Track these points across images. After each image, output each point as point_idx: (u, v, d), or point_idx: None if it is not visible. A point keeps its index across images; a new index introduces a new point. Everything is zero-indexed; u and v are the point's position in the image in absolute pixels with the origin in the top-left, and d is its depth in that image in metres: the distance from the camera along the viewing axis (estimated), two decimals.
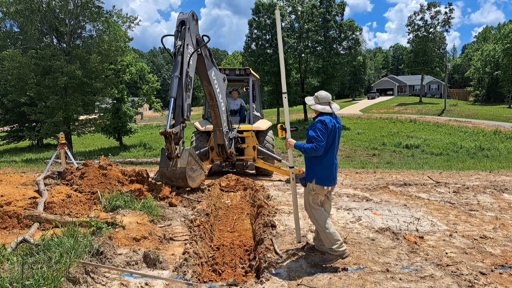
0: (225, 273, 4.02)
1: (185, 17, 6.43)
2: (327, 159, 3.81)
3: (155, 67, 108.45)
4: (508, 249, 4.28)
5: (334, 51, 39.68)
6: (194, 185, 6.73)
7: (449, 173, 10.63)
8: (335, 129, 3.81)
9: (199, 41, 6.93)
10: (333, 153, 3.85)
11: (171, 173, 6.39)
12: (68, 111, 24.28)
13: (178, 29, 6.44)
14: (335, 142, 3.84)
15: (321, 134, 3.68)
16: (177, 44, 6.29)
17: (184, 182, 6.50)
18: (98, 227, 4.07)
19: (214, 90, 7.48)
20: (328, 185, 3.84)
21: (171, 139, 6.02)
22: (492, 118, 42.30)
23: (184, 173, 6.31)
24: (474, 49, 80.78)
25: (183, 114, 6.25)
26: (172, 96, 6.04)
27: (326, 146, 3.76)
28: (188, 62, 6.31)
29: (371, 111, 55.13)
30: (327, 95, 3.92)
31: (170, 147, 6.10)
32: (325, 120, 3.76)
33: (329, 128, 3.73)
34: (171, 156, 6.23)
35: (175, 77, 6.12)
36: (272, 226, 4.93)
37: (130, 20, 27.10)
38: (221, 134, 8.03)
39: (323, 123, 3.73)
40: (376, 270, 3.67)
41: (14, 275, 2.78)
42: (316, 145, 3.67)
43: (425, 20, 58.14)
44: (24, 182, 7.16)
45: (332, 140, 3.80)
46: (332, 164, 3.85)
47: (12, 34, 25.82)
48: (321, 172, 3.81)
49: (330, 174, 3.84)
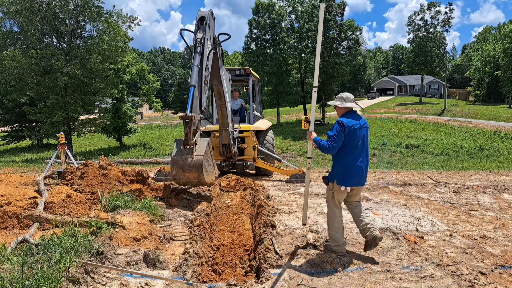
0: (225, 273, 4.02)
1: (205, 14, 6.46)
2: (347, 159, 3.84)
3: (155, 67, 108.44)
4: (508, 249, 4.28)
5: (334, 51, 39.70)
6: (207, 180, 5.91)
7: (449, 173, 10.63)
8: (355, 130, 3.83)
9: (215, 39, 6.94)
10: (355, 154, 3.86)
11: (184, 161, 5.63)
12: (68, 111, 24.30)
13: (198, 24, 6.45)
14: (356, 143, 3.85)
15: (336, 135, 3.77)
16: (197, 37, 6.28)
17: (198, 173, 5.68)
18: (98, 227, 4.07)
19: (223, 89, 7.50)
20: (346, 185, 3.86)
21: (191, 123, 5.59)
22: (492, 118, 42.30)
23: (201, 162, 5.59)
24: (474, 49, 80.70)
25: (201, 106, 6.00)
26: (192, 84, 5.85)
27: (346, 147, 3.82)
28: (207, 56, 6.31)
29: (371, 111, 55.13)
30: (350, 95, 4.08)
31: (189, 132, 5.58)
32: (343, 121, 3.83)
33: (347, 128, 3.78)
34: (187, 143, 5.65)
35: (196, 67, 5.99)
36: (272, 226, 4.93)
37: (130, 20, 27.14)
38: (227, 133, 8.06)
39: (340, 124, 3.80)
40: (376, 270, 3.67)
41: (14, 275, 2.78)
42: (329, 144, 3.78)
43: (425, 20, 58.12)
44: (24, 182, 7.16)
45: (351, 141, 3.82)
46: (353, 165, 3.85)
47: (12, 34, 25.83)
48: (340, 172, 3.88)
49: (349, 175, 3.84)
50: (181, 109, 79.27)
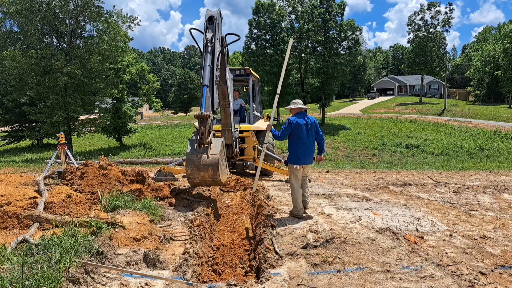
0: (225, 273, 4.02)
1: (214, 13, 6.45)
2: (296, 146, 5.43)
3: (155, 67, 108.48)
4: (508, 249, 4.28)
5: (334, 51, 39.66)
6: (222, 179, 5.88)
7: (449, 173, 10.63)
8: (300, 126, 5.37)
9: (222, 39, 6.92)
10: (301, 143, 5.40)
11: (199, 161, 5.61)
12: (68, 111, 24.28)
13: (207, 24, 6.43)
14: (302, 135, 5.38)
15: (285, 128, 5.41)
16: (207, 36, 6.25)
17: (213, 172, 5.64)
18: (98, 227, 4.07)
19: (227, 89, 7.49)
20: (298, 164, 5.42)
21: (206, 122, 5.59)
22: (492, 118, 42.31)
23: (217, 161, 5.58)
24: (474, 49, 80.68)
25: (213, 106, 5.98)
26: (205, 84, 5.87)
27: (294, 138, 5.40)
28: (218, 56, 6.31)
29: (371, 111, 55.15)
30: (300, 100, 5.77)
31: (204, 131, 5.58)
32: (291, 119, 5.41)
33: (294, 125, 5.36)
34: (203, 142, 5.64)
35: (208, 66, 5.99)
36: (272, 226, 4.94)
37: (130, 20, 27.10)
38: (230, 133, 8.07)
39: (289, 122, 5.40)
40: (376, 270, 3.67)
41: (14, 275, 2.78)
42: (279, 134, 5.47)
43: (425, 20, 58.16)
44: (24, 182, 7.16)
45: (298, 133, 5.37)
46: (300, 150, 5.41)
47: (12, 34, 25.81)
48: (293, 156, 5.48)
49: (299, 157, 5.42)
50: (181, 109, 79.32)
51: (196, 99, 79.69)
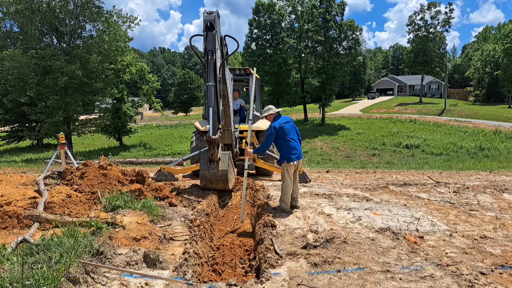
0: (225, 273, 4.03)
1: (212, 19, 6.03)
2: (287, 144, 5.71)
3: (155, 67, 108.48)
4: (508, 249, 4.27)
5: (334, 51, 39.65)
6: (230, 187, 7.19)
7: (449, 173, 10.63)
8: (283, 127, 5.71)
9: (222, 40, 6.81)
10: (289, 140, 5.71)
11: (212, 176, 6.79)
12: (68, 111, 24.29)
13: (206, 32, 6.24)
14: (288, 133, 5.72)
15: (269, 136, 5.70)
16: (208, 48, 6.03)
17: (224, 184, 6.88)
18: (98, 227, 4.07)
19: (227, 89, 7.46)
20: (292, 161, 5.68)
21: (215, 144, 6.32)
22: (492, 118, 42.31)
23: (226, 175, 6.75)
24: (474, 49, 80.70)
25: (219, 121, 6.43)
26: (211, 106, 5.99)
27: (281, 137, 5.70)
28: (219, 68, 6.24)
29: (371, 111, 55.15)
30: (272, 106, 6.13)
31: (214, 152, 6.43)
32: (273, 125, 5.74)
33: (278, 128, 5.67)
34: (213, 160, 6.61)
35: (212, 87, 5.97)
36: (272, 226, 4.94)
37: (130, 20, 27.12)
38: (230, 133, 8.07)
39: (272, 128, 5.70)
40: (376, 270, 3.67)
41: (14, 275, 2.77)
42: (263, 145, 5.81)
43: (425, 20, 58.14)
44: (24, 182, 7.16)
45: (283, 134, 5.70)
46: (291, 147, 5.70)
47: (12, 34, 25.84)
48: (286, 154, 5.71)
49: (293, 153, 5.70)
50: (181, 109, 79.30)
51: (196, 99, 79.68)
